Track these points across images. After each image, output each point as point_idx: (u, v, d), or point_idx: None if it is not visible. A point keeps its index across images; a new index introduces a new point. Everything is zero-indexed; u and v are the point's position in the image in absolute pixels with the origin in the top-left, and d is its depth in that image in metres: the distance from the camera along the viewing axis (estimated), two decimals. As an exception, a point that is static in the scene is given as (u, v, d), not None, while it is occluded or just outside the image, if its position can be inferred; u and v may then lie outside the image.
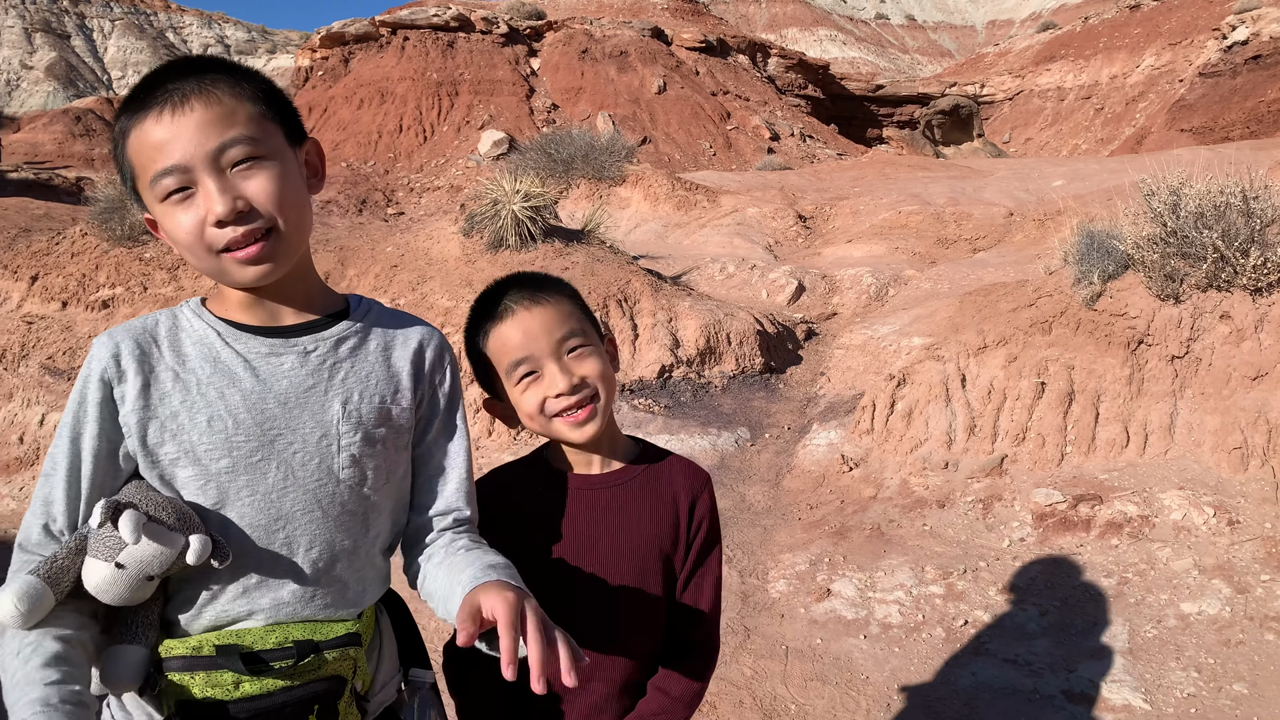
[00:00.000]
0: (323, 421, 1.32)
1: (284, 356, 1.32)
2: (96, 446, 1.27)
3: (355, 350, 1.38)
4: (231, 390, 1.28)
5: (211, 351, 1.30)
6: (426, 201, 24.57)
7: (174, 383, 1.28)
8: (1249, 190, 4.89)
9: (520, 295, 1.57)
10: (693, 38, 36.99)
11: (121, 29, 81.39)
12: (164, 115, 1.21)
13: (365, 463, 1.35)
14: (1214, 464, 4.66)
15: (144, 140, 1.23)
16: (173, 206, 1.23)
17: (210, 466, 1.27)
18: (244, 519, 1.28)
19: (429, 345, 1.46)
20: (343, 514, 1.34)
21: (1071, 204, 9.52)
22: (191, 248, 1.25)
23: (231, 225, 1.23)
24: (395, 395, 1.40)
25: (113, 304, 8.39)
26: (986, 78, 48.55)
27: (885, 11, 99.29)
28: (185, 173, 1.21)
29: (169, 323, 1.33)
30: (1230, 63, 33.70)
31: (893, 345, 7.00)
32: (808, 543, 4.86)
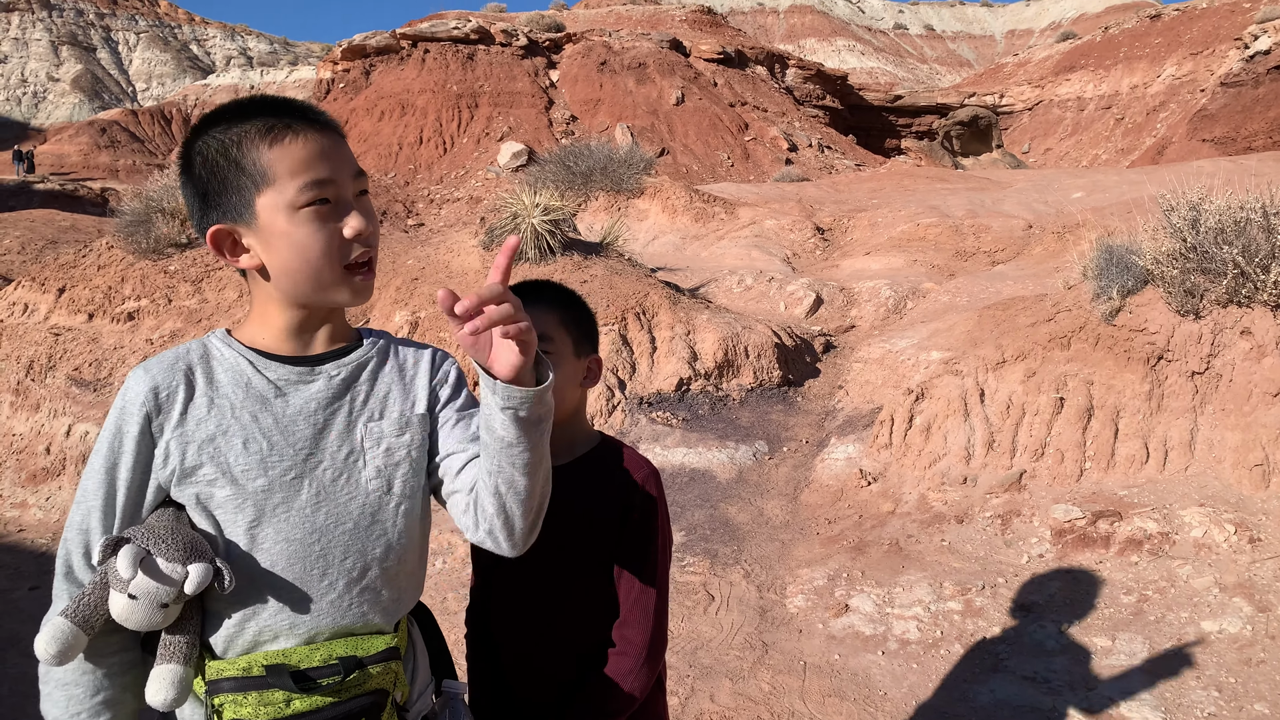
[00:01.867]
0: (349, 440, 1.41)
1: (311, 382, 1.42)
2: (131, 478, 1.35)
3: (374, 373, 1.48)
4: (264, 414, 1.37)
5: (243, 378, 1.39)
6: (446, 213, 24.72)
7: (209, 408, 1.36)
8: (1270, 206, 4.88)
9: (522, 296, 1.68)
10: (711, 49, 37.08)
11: (146, 41, 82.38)
12: (320, 137, 1.35)
13: (390, 474, 1.44)
14: (1235, 481, 4.64)
15: (294, 153, 1.33)
16: (315, 215, 1.34)
17: (247, 486, 1.35)
18: (281, 534, 1.36)
19: (437, 356, 1.57)
20: (373, 525, 1.42)
21: (1090, 217, 9.48)
22: (322, 257, 1.35)
23: (365, 243, 1.38)
24: (411, 406, 1.49)
25: (138, 316, 8.50)
26: (1005, 88, 48.38)
27: (904, 21, 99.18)
28: (333, 187, 1.35)
29: (200, 352, 1.41)
30: (1252, 72, 33.44)
31: (911, 359, 7.00)
32: (826, 558, 4.86)
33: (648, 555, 1.79)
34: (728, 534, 5.25)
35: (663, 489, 1.86)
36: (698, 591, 4.63)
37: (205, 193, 1.38)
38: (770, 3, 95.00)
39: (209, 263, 8.91)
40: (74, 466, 7.01)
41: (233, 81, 61.86)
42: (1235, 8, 43.26)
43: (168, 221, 9.23)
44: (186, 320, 8.24)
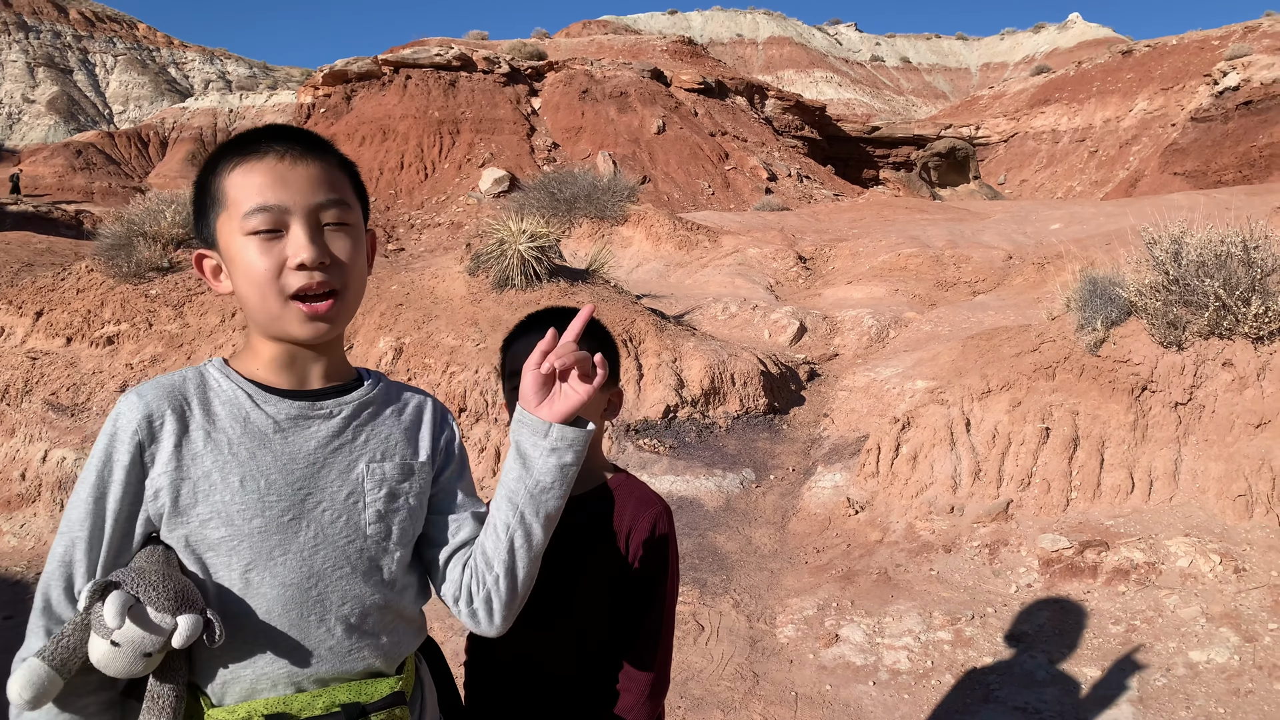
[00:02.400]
0: (349, 480, 1.37)
1: (311, 420, 1.37)
2: (119, 509, 1.28)
3: (375, 414, 1.44)
4: (263, 451, 1.32)
5: (241, 412, 1.33)
6: (427, 238, 24.70)
7: (205, 443, 1.30)
8: (1249, 240, 4.97)
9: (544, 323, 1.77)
10: (691, 79, 37.41)
11: (124, 64, 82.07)
12: (279, 163, 1.31)
13: (390, 519, 1.40)
14: (1219, 511, 4.69)
15: (251, 178, 1.31)
16: (257, 243, 1.30)
17: (243, 527, 1.29)
18: (278, 577, 1.30)
19: (438, 411, 1.55)
20: (371, 569, 1.38)
21: (1071, 248, 9.61)
22: (263, 286, 1.31)
23: (310, 271, 1.30)
24: (414, 453, 1.46)
25: (117, 340, 8.41)
26: (981, 120, 49.11)
27: (880, 54, 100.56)
28: (281, 214, 1.30)
29: (197, 381, 1.35)
30: (1222, 108, 34.15)
31: (896, 388, 7.04)
32: (815, 587, 4.86)
33: (656, 593, 1.78)
34: (716, 563, 5.23)
35: (674, 525, 1.85)
36: (687, 621, 4.61)
37: (194, 215, 1.39)
38: (749, 34, 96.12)
39: (191, 287, 8.85)
40: (50, 493, 6.90)
41: (211, 105, 61.67)
42: (1204, 45, 44.25)
43: (149, 245, 9.16)
44: (168, 345, 8.16)
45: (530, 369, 1.37)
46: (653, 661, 1.78)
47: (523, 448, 1.38)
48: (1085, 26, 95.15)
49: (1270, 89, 32.70)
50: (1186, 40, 45.89)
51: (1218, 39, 44.41)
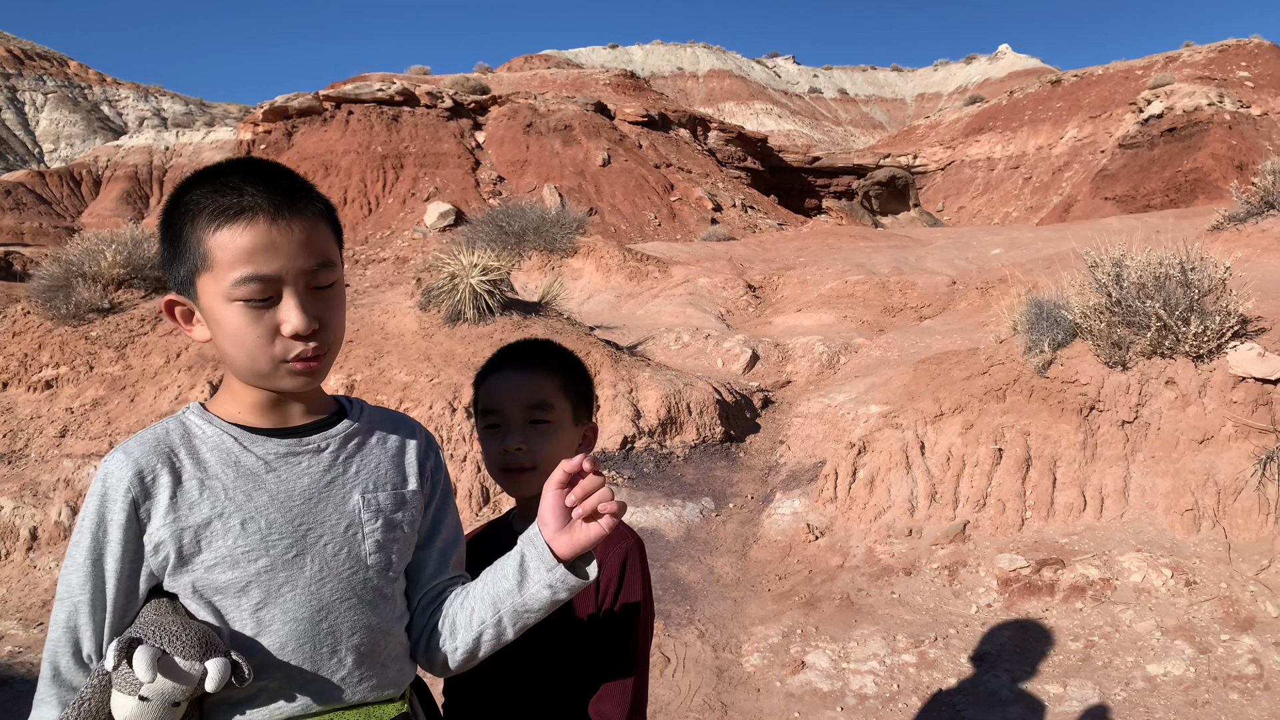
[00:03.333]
0: (346, 513, 1.38)
1: (300, 456, 1.37)
2: (120, 569, 1.27)
3: (361, 445, 1.44)
4: (258, 492, 1.32)
5: (231, 456, 1.33)
6: (372, 273, 24.47)
7: (200, 490, 1.29)
8: (1186, 261, 5.14)
9: (521, 358, 1.81)
10: (635, 112, 37.79)
11: (55, 102, 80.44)
12: (270, 226, 1.27)
13: (389, 547, 1.41)
14: (1168, 526, 4.80)
15: (239, 241, 1.26)
16: (246, 311, 1.27)
17: (249, 568, 1.29)
18: (288, 613, 1.31)
19: (422, 437, 1.55)
20: (376, 598, 1.40)
21: (1014, 273, 9.85)
22: (255, 351, 1.29)
23: (304, 342, 1.30)
24: (404, 482, 1.47)
25: (56, 384, 8.17)
26: (919, 149, 50.27)
27: (818, 85, 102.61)
28: (275, 283, 1.27)
29: (180, 431, 1.34)
30: (1147, 135, 35.41)
31: (850, 413, 7.12)
32: (779, 614, 4.86)
33: (630, 630, 1.76)
34: (679, 593, 5.22)
35: (646, 559, 1.84)
36: (653, 654, 4.58)
37: (165, 257, 1.34)
38: (690, 67, 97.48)
39: (134, 328, 8.64)
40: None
41: (146, 142, 60.64)
42: (1129, 74, 45.93)
43: (89, 286, 8.94)
44: (110, 388, 7.95)
45: (553, 488, 1.37)
46: (627, 701, 1.75)
47: (526, 565, 1.40)
48: (1015, 57, 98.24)
49: (1192, 116, 34.02)
50: (1112, 70, 47.61)
51: (1141, 69, 46.15)
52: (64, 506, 6.73)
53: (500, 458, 1.76)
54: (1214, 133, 32.86)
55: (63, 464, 7.12)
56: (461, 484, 6.42)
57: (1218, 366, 4.97)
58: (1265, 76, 39.92)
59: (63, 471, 7.03)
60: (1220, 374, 4.96)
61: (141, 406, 7.75)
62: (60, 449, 7.38)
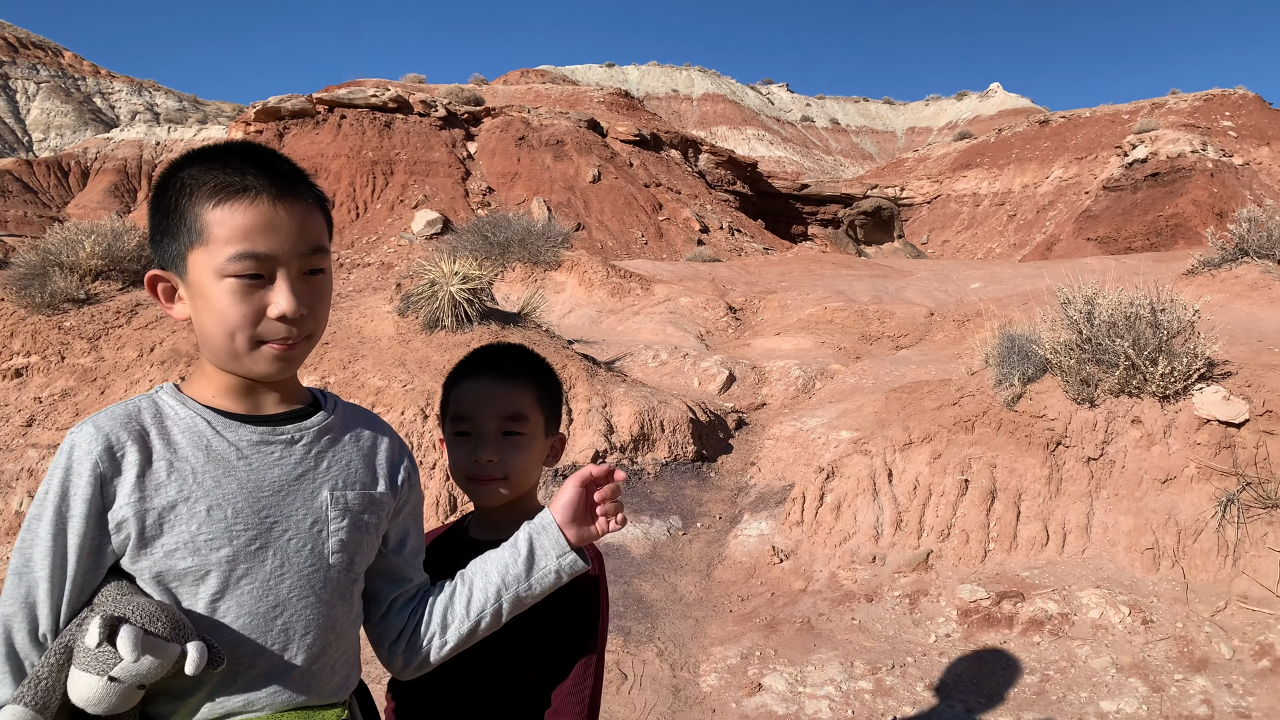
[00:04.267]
0: (313, 508, 1.36)
1: (272, 445, 1.35)
2: (82, 544, 1.23)
3: (335, 441, 1.42)
4: (227, 479, 1.29)
5: (203, 440, 1.30)
6: (356, 278, 24.39)
7: (169, 472, 1.26)
8: (1156, 303, 5.20)
9: (497, 365, 1.79)
10: (627, 131, 37.97)
11: (47, 91, 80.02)
12: (270, 207, 1.27)
13: (352, 547, 1.40)
14: (1128, 563, 4.84)
15: (238, 219, 1.25)
16: (237, 287, 1.26)
17: (210, 556, 1.26)
18: (244, 606, 1.29)
19: (395, 439, 1.54)
20: (334, 598, 1.38)
21: (990, 307, 9.94)
22: (236, 331, 1.27)
23: (290, 325, 1.29)
24: (374, 483, 1.45)
25: (26, 373, 8.09)
26: (906, 181, 50.71)
27: (811, 114, 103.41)
28: (270, 263, 1.27)
29: (152, 410, 1.31)
30: (1131, 178, 35.88)
31: (821, 438, 7.14)
32: (739, 635, 4.86)
33: (588, 641, 1.75)
34: (641, 611, 5.20)
35: (604, 569, 1.84)
36: (610, 670, 4.56)
37: (154, 232, 1.32)
38: (684, 90, 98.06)
39: (108, 320, 8.58)
40: (-55, 531, 6.55)
41: (137, 136, 60.39)
42: (1115, 118, 46.57)
43: (65, 276, 8.87)
44: (80, 379, 7.88)
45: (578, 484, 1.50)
46: (582, 713, 1.75)
47: (535, 549, 1.48)
48: (1005, 96, 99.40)
49: (1175, 162, 34.50)
50: (1099, 113, 48.27)
51: (1127, 113, 46.83)
52: (26, 496, 6.65)
53: (470, 467, 1.73)
54: (1196, 179, 33.34)
55: (27, 453, 7.05)
56: (429, 491, 6.39)
57: (1183, 408, 5.03)
58: (1248, 127, 40.58)
59: (27, 461, 6.95)
60: (1186, 415, 5.01)
61: (111, 399, 7.68)
62: (26, 438, 7.31)
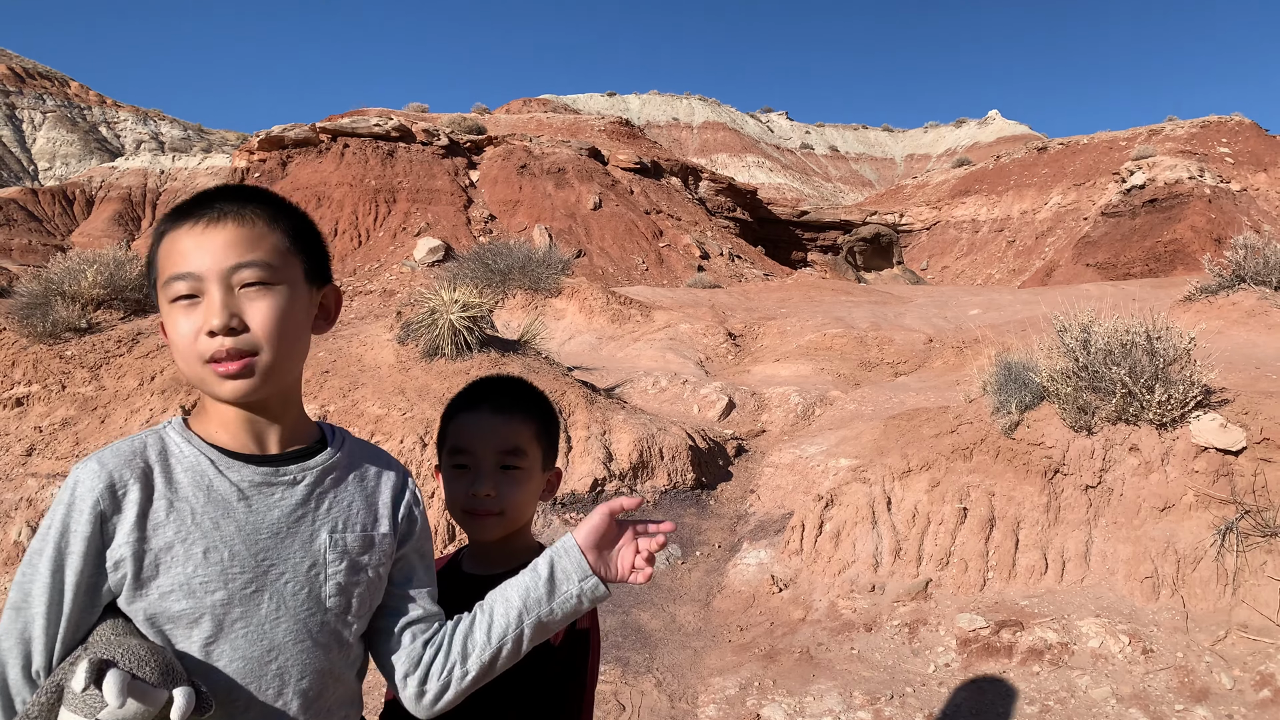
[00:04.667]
0: (311, 551, 1.35)
1: (275, 487, 1.34)
2: (79, 581, 1.22)
3: (339, 480, 1.42)
4: (226, 521, 1.29)
5: (205, 480, 1.30)
6: (358, 305, 24.46)
7: (168, 512, 1.26)
8: (1152, 330, 5.22)
9: (496, 398, 1.78)
10: (628, 159, 38.21)
11: (53, 121, 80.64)
12: (197, 228, 1.30)
13: (350, 590, 1.38)
14: (1128, 592, 4.82)
15: (173, 246, 1.31)
16: (178, 310, 1.29)
17: (205, 599, 1.26)
18: (238, 651, 1.28)
19: (400, 475, 1.52)
20: (331, 641, 1.37)
21: (988, 334, 9.96)
22: (184, 352, 1.30)
23: (220, 337, 1.27)
24: (375, 523, 1.44)
25: (27, 402, 8.11)
26: (905, 208, 50.91)
27: (810, 142, 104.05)
28: (196, 281, 1.28)
29: (158, 447, 1.31)
30: (1129, 204, 36.02)
31: (820, 465, 7.14)
32: (738, 665, 4.84)
33: (581, 674, 1.75)
34: (639, 641, 5.18)
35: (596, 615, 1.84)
36: (609, 701, 4.54)
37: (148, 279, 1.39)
38: (685, 118, 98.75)
39: (109, 349, 8.61)
40: (-57, 560, 6.54)
41: (142, 165, 60.77)
42: (1113, 144, 46.84)
43: (67, 305, 8.92)
44: (81, 408, 7.89)
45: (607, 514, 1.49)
46: None
47: (555, 572, 1.46)
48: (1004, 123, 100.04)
49: (1173, 188, 34.65)
50: (1097, 140, 48.55)
51: (1125, 140, 47.10)
52: (25, 526, 6.64)
53: (467, 501, 1.72)
54: (1194, 205, 33.47)
55: (27, 483, 7.05)
56: (429, 519, 6.39)
57: (1181, 435, 5.03)
58: (1245, 153, 40.80)
59: (26, 490, 6.95)
60: (1183, 443, 5.02)
61: (111, 428, 7.69)
62: (26, 468, 7.31)
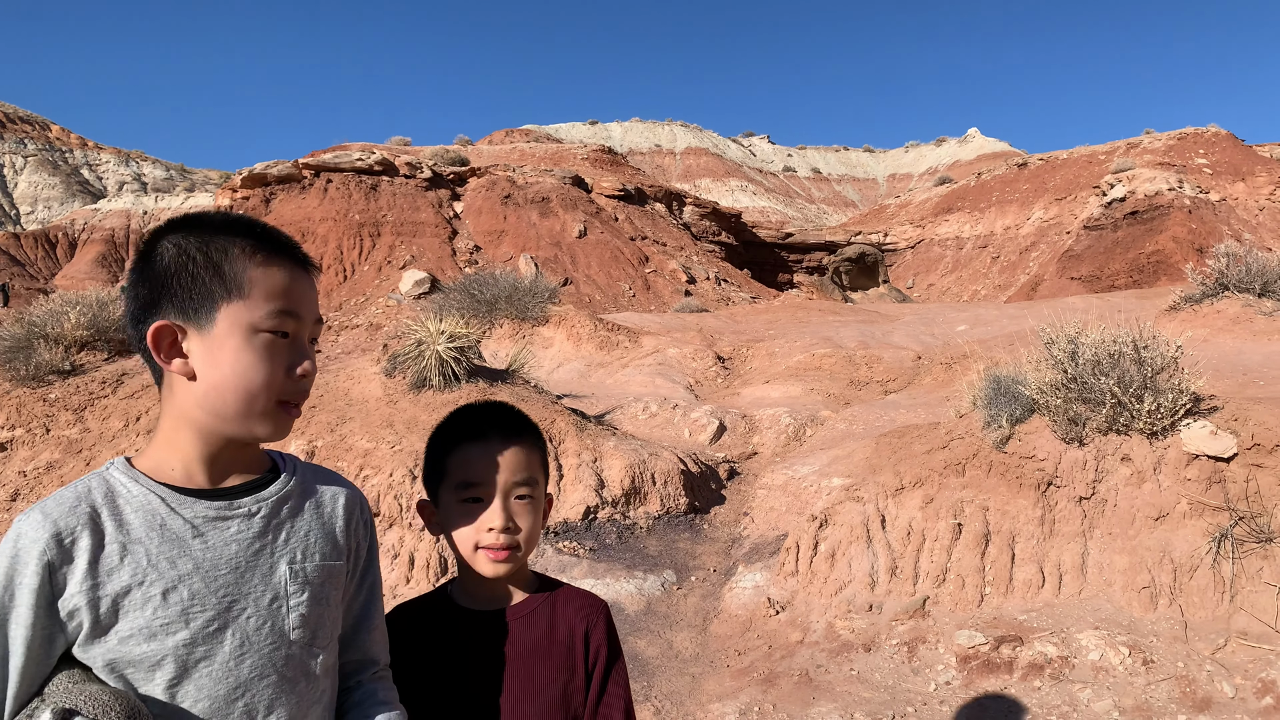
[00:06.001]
0: (272, 584, 1.32)
1: (229, 520, 1.31)
2: (30, 637, 1.18)
3: (295, 510, 1.40)
4: (183, 559, 1.25)
5: (157, 519, 1.26)
6: (345, 339, 24.38)
7: (122, 556, 1.22)
8: (1139, 340, 5.23)
9: (503, 426, 1.69)
10: (612, 186, 38.37)
11: (35, 165, 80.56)
12: (297, 271, 1.37)
13: (313, 621, 1.37)
14: (1125, 603, 4.79)
15: (278, 277, 1.33)
16: (269, 343, 1.31)
17: (167, 641, 1.23)
18: (203, 691, 1.25)
19: (356, 503, 1.51)
20: (297, 675, 1.34)
21: (976, 349, 9.98)
22: (266, 386, 1.31)
23: (303, 387, 1.36)
24: (333, 551, 1.42)
25: (10, 446, 8.02)
26: (889, 227, 51.24)
27: (792, 164, 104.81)
28: (300, 324, 1.36)
29: (103, 490, 1.26)
30: (1111, 217, 36.33)
31: (813, 485, 7.11)
32: (737, 691, 4.78)
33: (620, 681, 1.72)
34: (637, 669, 5.12)
35: (613, 623, 1.79)
36: (607, 730, 4.47)
37: (164, 285, 1.29)
38: (667, 144, 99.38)
39: (94, 391, 8.54)
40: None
41: (125, 206, 60.73)
42: (1092, 159, 47.30)
43: (50, 348, 8.85)
44: (66, 451, 7.81)
45: None
46: None
47: None
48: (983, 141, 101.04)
49: (1154, 200, 34.99)
50: (1076, 154, 49.03)
51: (1104, 153, 47.58)
52: (9, 572, 6.54)
53: (484, 537, 1.63)
54: (1174, 216, 33.78)
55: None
56: (420, 554, 6.32)
57: (1172, 444, 5.03)
58: (1222, 164, 41.26)
59: (10, 536, 6.85)
60: (1174, 451, 5.01)
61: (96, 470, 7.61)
62: (10, 513, 7.22)
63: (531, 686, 1.65)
